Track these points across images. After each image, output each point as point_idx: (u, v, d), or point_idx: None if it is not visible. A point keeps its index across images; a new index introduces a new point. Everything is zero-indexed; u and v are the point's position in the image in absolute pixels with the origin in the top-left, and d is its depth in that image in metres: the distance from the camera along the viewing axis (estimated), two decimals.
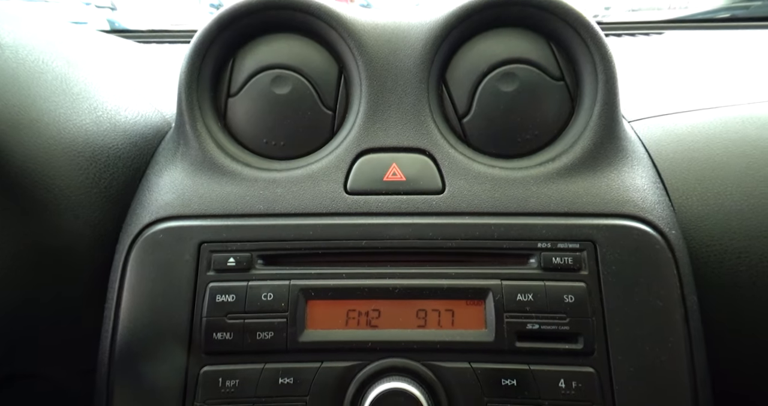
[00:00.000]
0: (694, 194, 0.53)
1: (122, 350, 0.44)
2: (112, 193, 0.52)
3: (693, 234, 0.50)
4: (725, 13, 1.20)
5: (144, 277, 0.46)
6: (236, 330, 0.44)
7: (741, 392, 0.47)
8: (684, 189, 0.53)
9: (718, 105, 0.64)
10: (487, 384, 0.42)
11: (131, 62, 0.68)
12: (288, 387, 0.42)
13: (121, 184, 0.52)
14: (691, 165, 0.55)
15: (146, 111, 0.60)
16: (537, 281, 0.44)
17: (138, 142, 0.57)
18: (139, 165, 0.55)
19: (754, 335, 0.46)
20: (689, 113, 0.65)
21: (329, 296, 0.45)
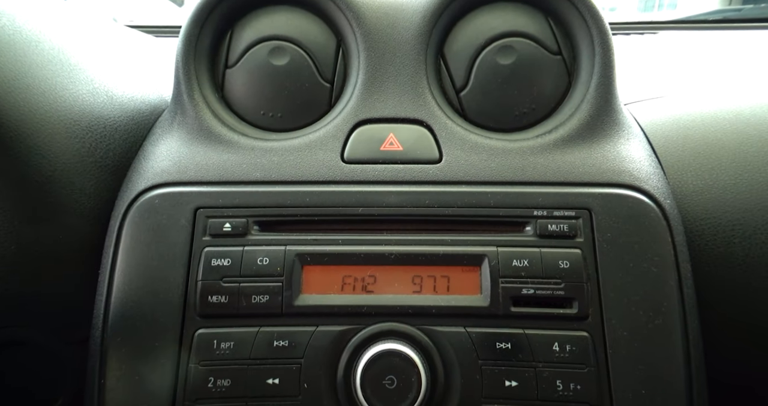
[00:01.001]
0: (689, 170, 0.54)
1: (116, 314, 0.44)
2: (108, 163, 0.52)
3: (688, 208, 0.51)
4: (718, 15, 1.23)
5: (139, 241, 0.46)
6: (231, 294, 0.44)
7: (733, 363, 0.48)
8: (679, 165, 0.54)
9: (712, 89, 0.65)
10: (481, 347, 0.42)
11: (138, 50, 0.68)
12: (283, 350, 0.42)
13: (117, 156, 0.53)
14: (686, 142, 0.56)
15: (145, 89, 0.61)
16: (532, 248, 0.44)
17: (135, 116, 0.57)
18: (136, 139, 0.55)
19: (747, 308, 0.47)
20: (683, 95, 0.66)
21: (325, 262, 0.45)
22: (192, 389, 0.42)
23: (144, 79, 0.62)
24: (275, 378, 0.42)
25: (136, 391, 0.42)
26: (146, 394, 0.42)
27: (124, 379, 0.42)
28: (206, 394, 0.41)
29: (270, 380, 0.42)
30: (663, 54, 0.93)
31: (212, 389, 0.41)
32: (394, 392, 0.39)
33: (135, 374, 0.42)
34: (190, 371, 0.42)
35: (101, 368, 0.43)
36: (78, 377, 0.48)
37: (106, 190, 0.51)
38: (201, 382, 0.42)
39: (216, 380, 0.42)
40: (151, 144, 0.53)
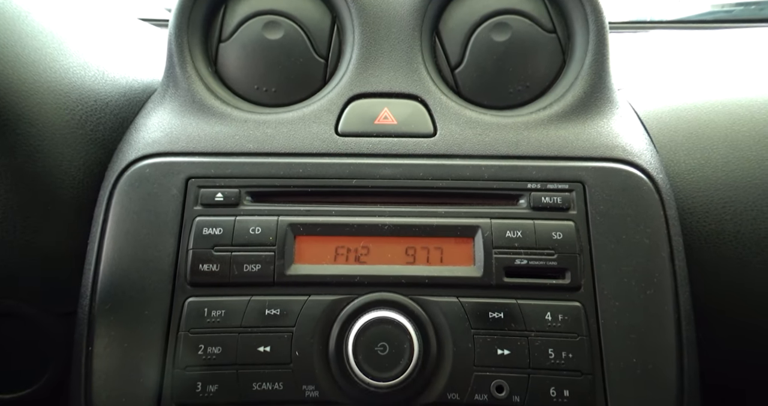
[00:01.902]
0: (681, 149, 0.54)
1: (105, 282, 0.44)
2: (98, 137, 0.52)
3: (680, 186, 0.52)
4: (709, 16, 1.26)
5: (129, 210, 0.46)
6: (223, 262, 0.44)
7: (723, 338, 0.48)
8: (671, 145, 0.55)
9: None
10: (474, 317, 0.42)
11: (139, 38, 0.68)
12: (275, 318, 0.42)
13: (107, 130, 0.53)
14: (679, 123, 0.57)
15: (139, 70, 0.61)
16: (526, 220, 0.45)
17: (127, 93, 0.57)
18: (127, 115, 0.55)
19: (738, 283, 0.48)
20: (675, 79, 0.68)
21: (318, 232, 0.45)
22: (182, 356, 0.41)
23: (140, 61, 0.62)
24: (266, 346, 0.42)
25: (124, 358, 0.42)
26: (134, 361, 0.41)
27: (112, 346, 0.42)
28: (196, 361, 0.41)
29: (261, 347, 0.42)
30: (655, 51, 0.94)
31: (202, 357, 0.41)
32: (386, 358, 0.40)
33: (124, 342, 0.42)
34: (180, 338, 0.42)
35: (89, 336, 0.42)
36: (65, 351, 0.48)
37: (95, 164, 0.51)
38: (191, 349, 0.41)
39: (206, 348, 0.42)
40: (143, 117, 0.53)
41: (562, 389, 0.40)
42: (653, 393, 0.40)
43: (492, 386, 0.41)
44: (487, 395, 0.40)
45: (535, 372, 0.41)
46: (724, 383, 0.50)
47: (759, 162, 0.51)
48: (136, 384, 0.41)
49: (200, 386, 0.41)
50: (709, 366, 0.44)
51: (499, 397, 0.40)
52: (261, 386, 0.41)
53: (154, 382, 0.41)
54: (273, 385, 0.41)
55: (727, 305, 0.47)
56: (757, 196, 0.49)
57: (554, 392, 0.40)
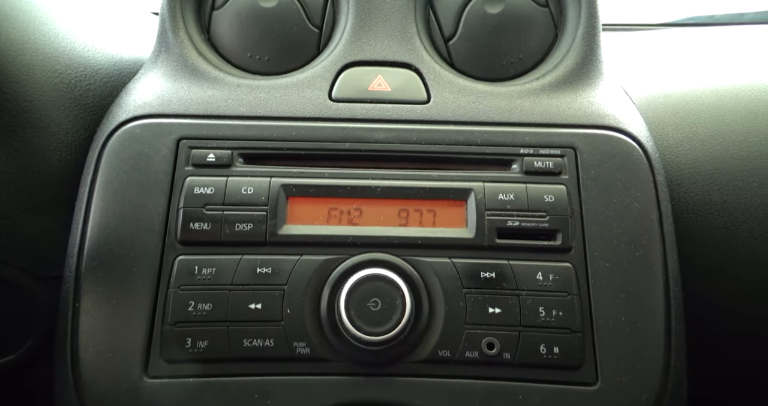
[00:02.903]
0: (669, 124, 0.56)
1: (93, 240, 0.44)
2: (87, 102, 0.52)
3: (668, 159, 0.53)
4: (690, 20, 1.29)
5: (118, 169, 0.46)
6: (214, 221, 0.44)
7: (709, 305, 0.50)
8: (660, 120, 0.56)
9: None
10: (466, 276, 0.43)
11: (129, 16, 0.68)
12: (266, 276, 0.43)
13: (96, 97, 0.53)
14: (666, 100, 0.58)
15: (131, 42, 0.61)
16: (518, 183, 0.46)
17: (117, 62, 0.57)
18: (117, 84, 0.55)
19: (724, 250, 0.49)
20: (663, 61, 0.70)
21: (311, 193, 0.46)
22: (172, 312, 0.41)
23: (132, 39, 0.62)
24: (257, 304, 0.42)
25: (112, 315, 0.41)
26: (123, 317, 0.41)
27: (100, 302, 0.42)
28: (186, 317, 0.41)
29: (252, 305, 0.42)
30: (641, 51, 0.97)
31: (192, 313, 0.41)
32: (378, 314, 0.40)
33: (112, 299, 0.42)
34: (169, 295, 0.42)
35: (76, 292, 0.42)
36: (50, 317, 0.47)
37: (84, 129, 0.51)
38: (181, 306, 0.41)
39: (197, 304, 0.42)
40: (134, 82, 0.53)
41: (552, 346, 0.41)
42: (641, 350, 0.41)
43: (483, 343, 0.41)
44: (478, 352, 0.41)
45: (525, 330, 0.41)
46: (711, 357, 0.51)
47: (744, 135, 0.52)
48: (125, 340, 0.41)
49: (190, 342, 0.41)
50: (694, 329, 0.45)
51: (489, 354, 0.41)
52: (252, 342, 0.41)
53: (142, 338, 0.41)
54: (264, 341, 0.41)
55: (713, 272, 0.49)
56: (742, 167, 0.51)
57: (544, 348, 0.41)
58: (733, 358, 0.50)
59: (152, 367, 0.41)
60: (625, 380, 0.40)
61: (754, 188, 0.50)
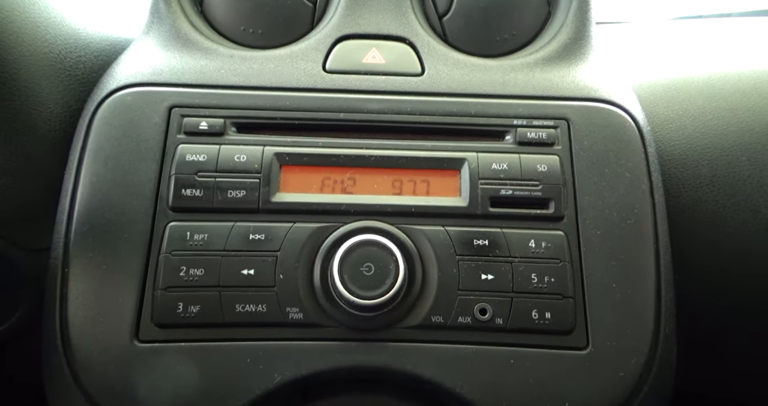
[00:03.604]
0: (660, 102, 0.57)
1: (83, 206, 0.43)
2: (78, 74, 0.52)
3: (660, 135, 0.54)
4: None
5: (109, 136, 0.46)
6: (206, 188, 0.44)
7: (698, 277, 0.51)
8: (651, 98, 0.57)
9: None
10: (459, 243, 0.43)
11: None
12: (259, 243, 0.43)
13: (87, 69, 0.53)
14: (658, 78, 0.59)
15: (124, 22, 0.61)
16: (512, 154, 0.46)
17: (109, 37, 0.57)
18: (109, 59, 0.55)
19: (713, 222, 0.50)
20: (654, 42, 0.71)
21: (304, 162, 0.46)
22: (163, 276, 0.41)
23: (129, 18, 0.62)
24: (250, 269, 0.42)
25: (102, 279, 0.41)
26: (113, 282, 0.41)
27: (89, 268, 0.41)
28: (178, 282, 0.41)
29: (245, 270, 0.42)
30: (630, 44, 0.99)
31: (184, 278, 0.41)
32: (371, 278, 0.40)
33: (102, 264, 0.42)
34: (160, 260, 0.42)
35: (65, 257, 0.42)
36: (38, 289, 0.47)
37: (74, 100, 0.50)
38: (172, 271, 0.41)
39: (188, 270, 0.41)
40: (125, 53, 0.53)
41: (543, 311, 0.42)
42: (632, 315, 0.42)
43: (476, 309, 0.42)
44: (470, 318, 0.41)
45: (518, 296, 0.42)
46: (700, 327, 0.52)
47: (733, 111, 0.53)
48: (115, 304, 0.41)
49: (181, 307, 0.41)
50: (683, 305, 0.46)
51: (482, 319, 0.41)
52: (244, 307, 0.41)
53: (133, 302, 0.41)
54: (256, 307, 0.41)
55: (703, 245, 0.50)
56: (732, 143, 0.52)
57: (536, 314, 0.42)
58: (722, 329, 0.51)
59: (143, 332, 0.40)
60: (616, 344, 0.41)
61: (743, 162, 0.51)
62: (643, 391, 0.40)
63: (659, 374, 0.41)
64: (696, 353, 0.51)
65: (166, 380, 0.39)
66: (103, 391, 0.39)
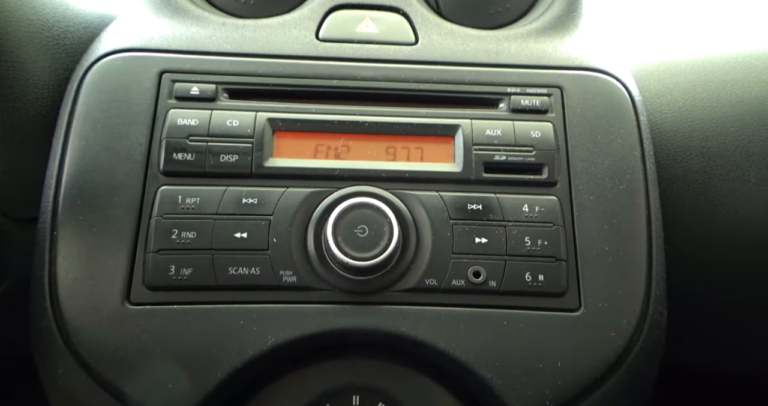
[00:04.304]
0: (651, 77, 0.58)
1: (72, 171, 0.43)
2: (66, 43, 0.51)
3: (651, 109, 0.55)
4: None
5: (98, 100, 0.45)
6: (198, 152, 0.44)
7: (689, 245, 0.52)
8: (643, 74, 0.58)
9: None
10: (453, 208, 0.44)
11: None
12: (252, 207, 0.43)
13: (75, 39, 0.52)
14: (649, 55, 0.60)
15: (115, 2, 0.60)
16: (506, 121, 0.47)
17: (100, 11, 0.57)
18: (98, 31, 0.54)
19: (703, 192, 0.51)
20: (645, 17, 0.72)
21: (297, 128, 0.46)
22: (154, 239, 0.41)
23: None
24: (243, 233, 0.42)
25: (91, 242, 0.41)
26: (103, 245, 0.41)
27: (79, 230, 0.41)
28: (169, 245, 0.41)
29: (238, 234, 0.42)
30: None
31: (176, 241, 0.41)
32: (365, 240, 0.40)
33: (92, 227, 0.41)
34: (151, 224, 0.42)
35: (53, 221, 0.42)
36: (25, 259, 0.46)
37: (62, 69, 0.50)
38: (164, 234, 0.41)
39: (180, 233, 0.41)
40: (115, 22, 0.53)
41: (537, 274, 0.42)
42: (624, 278, 0.43)
43: (469, 272, 0.42)
44: (464, 281, 0.42)
45: (511, 259, 0.42)
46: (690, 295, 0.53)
47: (722, 84, 0.54)
48: (105, 267, 0.40)
49: (173, 270, 0.41)
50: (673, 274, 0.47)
51: (476, 282, 0.42)
52: (237, 270, 0.41)
53: (124, 265, 0.41)
54: (249, 270, 0.41)
55: (691, 212, 0.51)
56: (722, 115, 0.53)
57: (529, 276, 0.42)
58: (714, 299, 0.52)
59: (134, 294, 0.40)
60: (608, 305, 0.42)
61: (732, 133, 0.52)
62: (634, 351, 0.41)
63: (650, 335, 0.42)
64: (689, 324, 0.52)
65: (158, 342, 0.39)
66: (94, 353, 0.39)
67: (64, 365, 0.39)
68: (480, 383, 0.40)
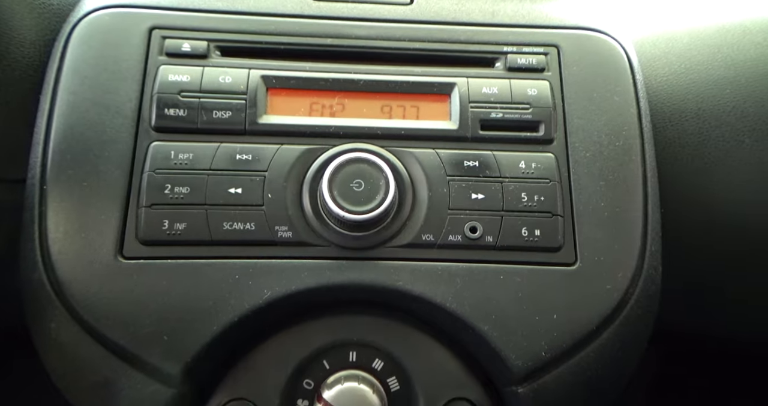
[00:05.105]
0: (648, 41, 0.58)
1: (61, 126, 0.42)
2: (53, 3, 0.50)
3: (647, 73, 0.55)
4: None
5: (87, 56, 0.45)
6: (190, 108, 0.44)
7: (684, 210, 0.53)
8: (640, 38, 0.59)
9: None
10: (449, 165, 0.44)
11: None
12: (246, 163, 0.43)
13: (62, 2, 0.51)
14: (645, 20, 0.61)
15: None
16: (502, 79, 0.47)
17: None
18: None
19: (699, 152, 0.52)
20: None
21: (291, 85, 0.46)
22: (147, 194, 0.41)
23: None
24: (237, 188, 0.42)
25: (82, 197, 0.41)
26: (94, 200, 0.40)
27: (68, 184, 0.41)
28: (162, 200, 0.41)
29: (232, 189, 0.42)
30: None
31: (169, 196, 0.41)
32: (361, 194, 0.40)
33: (82, 181, 0.41)
34: (144, 178, 0.41)
35: (43, 176, 0.41)
36: (13, 221, 0.46)
37: (49, 30, 0.49)
38: (156, 188, 0.41)
39: (173, 188, 0.41)
40: None
41: (533, 229, 0.43)
42: (620, 233, 0.43)
43: (466, 227, 0.42)
44: (460, 236, 0.42)
45: (508, 214, 0.43)
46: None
47: (718, 47, 0.55)
48: (97, 221, 0.40)
49: (167, 224, 0.40)
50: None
51: (472, 237, 0.42)
52: (232, 225, 0.41)
53: (116, 219, 0.40)
54: (244, 225, 0.41)
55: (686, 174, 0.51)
56: (717, 77, 0.53)
57: (526, 231, 0.43)
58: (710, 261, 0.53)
59: (127, 248, 0.40)
60: (603, 259, 0.42)
61: (727, 95, 0.52)
62: (629, 304, 0.42)
63: (645, 289, 0.42)
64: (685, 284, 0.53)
65: (153, 296, 0.39)
66: (87, 306, 0.38)
67: (56, 318, 0.39)
68: (476, 336, 0.41)
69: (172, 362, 0.38)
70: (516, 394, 0.41)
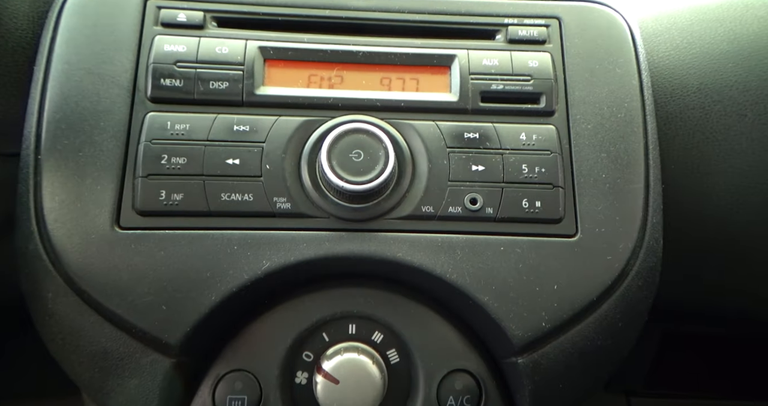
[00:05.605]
0: (649, 17, 0.58)
1: (55, 95, 0.42)
2: None
3: (649, 48, 0.55)
4: None
5: (81, 26, 0.44)
6: (186, 78, 0.43)
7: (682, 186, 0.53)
8: (643, 18, 0.58)
9: None
10: (450, 137, 0.44)
11: None
12: (243, 134, 0.42)
13: None
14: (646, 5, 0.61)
15: None
16: (503, 51, 0.47)
17: None
18: None
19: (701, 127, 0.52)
20: None
21: (289, 56, 0.45)
22: (143, 164, 0.41)
23: None
24: (235, 159, 0.42)
25: (78, 167, 0.40)
26: (90, 170, 0.40)
27: (64, 153, 0.41)
28: (159, 170, 0.41)
29: (230, 160, 0.42)
30: None
31: (166, 166, 0.41)
32: (360, 164, 0.40)
33: (77, 151, 0.41)
34: (140, 149, 0.41)
35: (37, 145, 0.41)
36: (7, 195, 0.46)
37: (42, 1, 0.49)
38: (153, 159, 0.41)
39: (170, 158, 0.41)
40: None
41: (534, 200, 0.43)
42: (621, 204, 0.43)
43: (466, 199, 0.42)
44: (461, 208, 0.42)
45: (508, 186, 0.43)
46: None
47: (720, 22, 0.55)
48: (93, 191, 0.40)
49: (164, 195, 0.40)
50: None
51: (472, 209, 0.42)
52: (230, 196, 0.41)
53: (113, 189, 0.40)
54: (242, 196, 0.41)
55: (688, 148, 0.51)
56: (719, 51, 0.53)
57: (526, 203, 0.42)
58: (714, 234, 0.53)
59: (124, 219, 0.40)
60: (604, 230, 0.42)
61: (729, 69, 0.52)
62: (630, 275, 0.42)
63: (646, 261, 0.43)
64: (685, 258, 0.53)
65: (150, 266, 0.39)
66: (85, 275, 0.38)
67: (53, 288, 0.39)
68: (476, 307, 0.41)
69: (170, 332, 0.38)
70: (515, 365, 0.41)
